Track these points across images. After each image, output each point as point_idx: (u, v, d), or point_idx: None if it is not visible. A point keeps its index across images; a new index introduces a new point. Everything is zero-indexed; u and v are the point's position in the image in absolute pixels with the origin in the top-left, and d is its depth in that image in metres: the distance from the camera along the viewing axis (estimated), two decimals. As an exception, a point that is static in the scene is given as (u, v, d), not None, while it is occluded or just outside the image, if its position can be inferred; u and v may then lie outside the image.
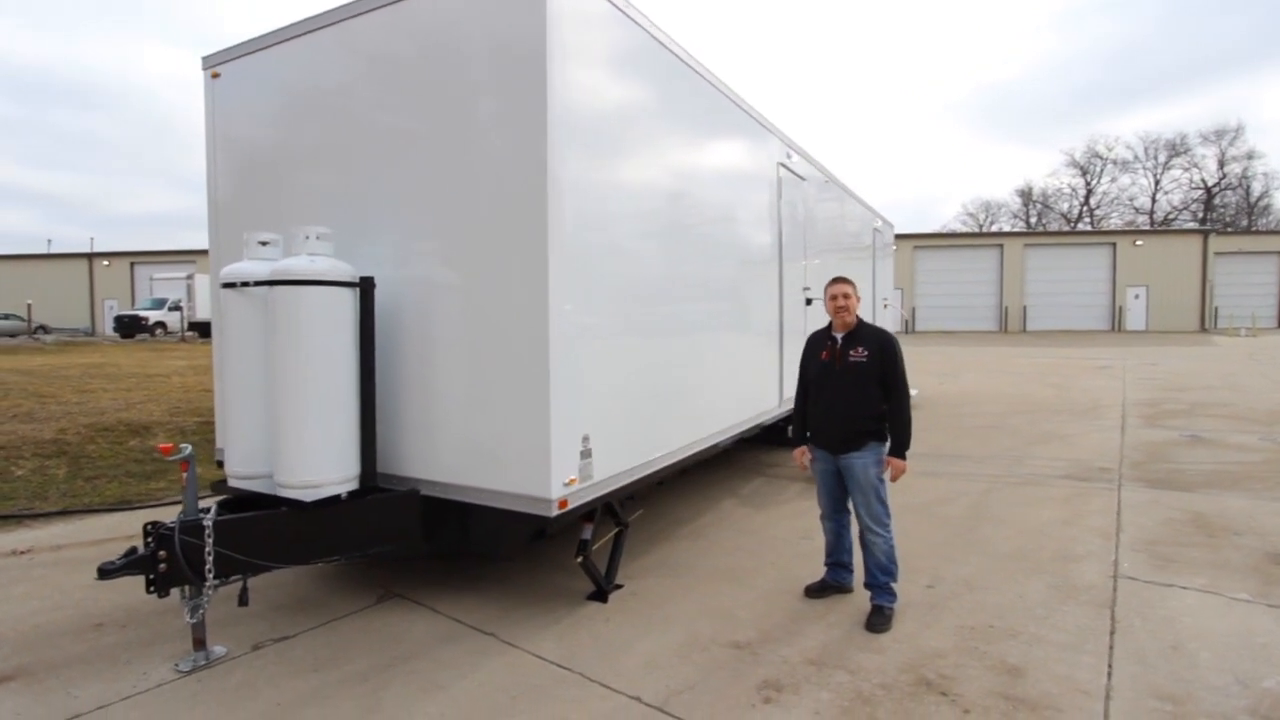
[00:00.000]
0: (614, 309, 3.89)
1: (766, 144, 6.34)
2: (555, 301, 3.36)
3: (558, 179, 3.35)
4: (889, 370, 3.78)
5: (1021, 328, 37.27)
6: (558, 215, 3.36)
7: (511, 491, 3.52)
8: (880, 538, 3.79)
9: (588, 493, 3.67)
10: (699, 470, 7.07)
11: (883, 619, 3.71)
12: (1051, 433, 9.31)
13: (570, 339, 3.49)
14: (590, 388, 3.67)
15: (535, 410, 3.40)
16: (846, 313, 3.85)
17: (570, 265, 3.48)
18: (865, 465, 3.78)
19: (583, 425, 3.60)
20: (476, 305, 3.63)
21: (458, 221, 3.69)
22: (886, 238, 13.43)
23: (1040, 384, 14.65)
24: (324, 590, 4.29)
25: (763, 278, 6.30)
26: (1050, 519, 5.54)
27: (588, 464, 3.64)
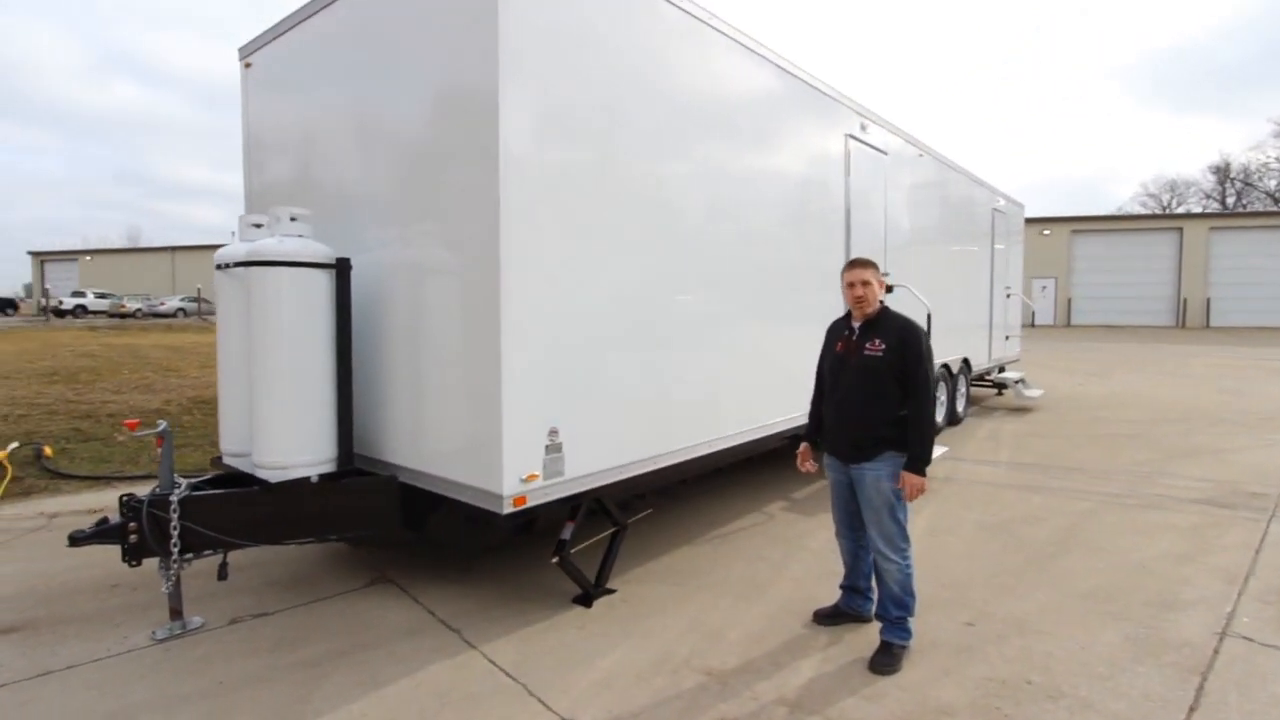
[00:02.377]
0: (596, 296, 3.53)
1: (825, 111, 5.67)
2: (510, 283, 3.08)
3: (509, 145, 3.06)
4: (909, 366, 3.18)
5: (1203, 323, 32.28)
6: (512, 182, 3.07)
7: (470, 484, 3.31)
8: (893, 564, 3.23)
9: (556, 490, 3.37)
10: (754, 470, 6.58)
11: (889, 659, 3.14)
12: (1202, 446, 7.79)
13: (533, 323, 3.21)
14: (562, 377, 3.37)
15: (487, 399, 3.16)
16: (865, 304, 3.28)
17: (533, 244, 3.19)
18: (878, 478, 3.21)
19: (549, 417, 3.30)
20: (439, 286, 3.45)
21: (416, 199, 3.53)
22: (1013, 220, 11.92)
23: (1208, 388, 12.46)
24: (320, 569, 4.32)
25: (815, 263, 5.65)
26: (1162, 552, 4.53)
27: (555, 459, 3.34)
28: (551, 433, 3.31)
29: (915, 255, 7.57)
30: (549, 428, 3.30)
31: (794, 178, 5.32)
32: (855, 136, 6.13)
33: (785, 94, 5.13)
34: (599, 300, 3.55)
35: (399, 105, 3.66)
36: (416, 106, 3.55)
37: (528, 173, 3.14)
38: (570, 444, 3.41)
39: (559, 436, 3.34)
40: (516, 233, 3.10)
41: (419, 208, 3.56)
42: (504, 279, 3.06)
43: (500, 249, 3.04)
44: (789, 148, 5.23)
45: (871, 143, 6.45)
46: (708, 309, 4.35)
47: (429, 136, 3.49)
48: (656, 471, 4.03)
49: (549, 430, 3.30)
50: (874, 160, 6.55)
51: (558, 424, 3.34)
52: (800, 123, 5.36)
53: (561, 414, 3.36)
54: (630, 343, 3.76)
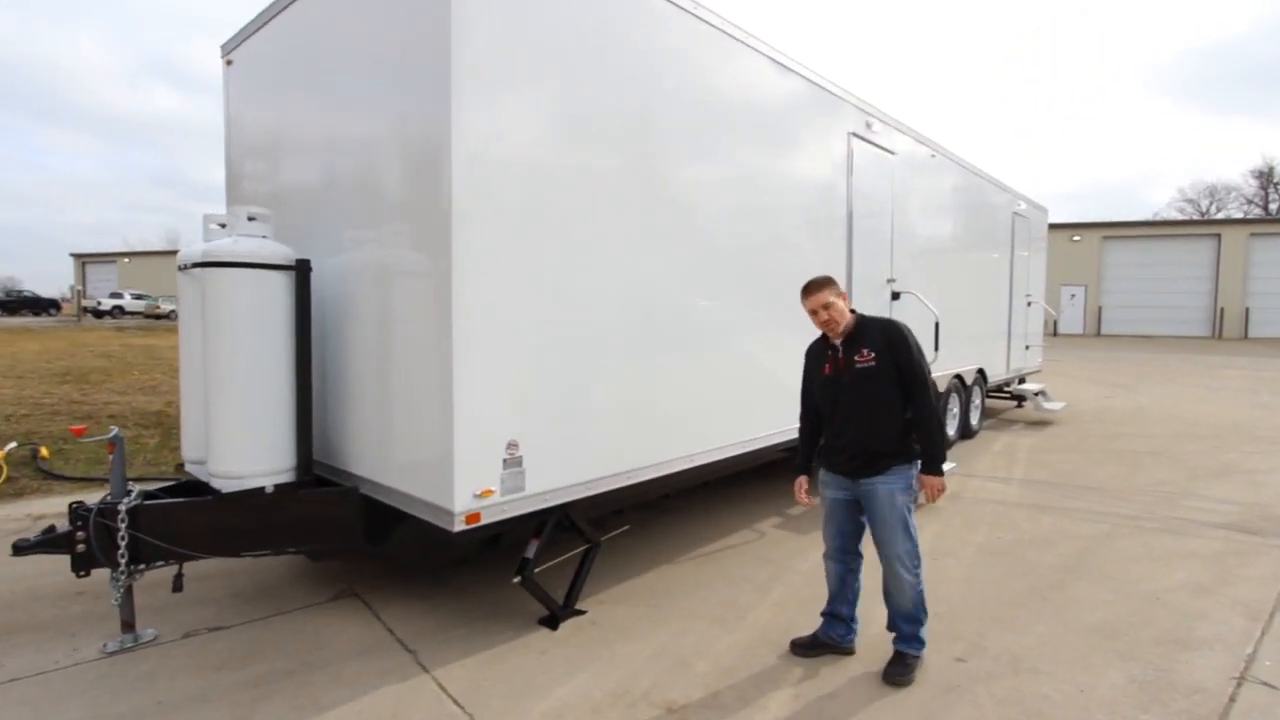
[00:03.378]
0: (559, 304, 3.34)
1: (824, 108, 5.43)
2: (463, 290, 2.91)
3: (463, 132, 2.89)
4: (904, 366, 3.05)
5: (1241, 333, 31.14)
6: (463, 185, 2.90)
7: (424, 499, 3.14)
8: (906, 581, 3.11)
9: (515, 506, 3.19)
10: (747, 483, 6.35)
11: (903, 669, 3.07)
12: (1231, 465, 7.37)
13: (490, 333, 3.03)
14: (522, 389, 3.19)
15: (438, 411, 2.99)
16: (834, 325, 3.14)
17: (489, 251, 3.02)
18: (891, 492, 3.06)
19: (508, 430, 3.13)
20: (394, 293, 3.30)
21: (372, 201, 3.40)
22: (1035, 225, 11.50)
23: (1242, 403, 11.90)
24: (288, 580, 4.19)
25: (812, 269, 5.38)
26: (1178, 582, 4.21)
27: (515, 474, 3.16)
28: (510, 446, 3.13)
29: (925, 261, 7.27)
30: (507, 440, 3.12)
31: (787, 179, 5.09)
32: (859, 135, 5.88)
33: (779, 89, 4.90)
34: (563, 309, 3.36)
35: (356, 102, 3.53)
36: (371, 105, 3.41)
37: (482, 174, 2.97)
38: (532, 458, 3.23)
39: (519, 450, 3.16)
40: (470, 239, 2.93)
41: (374, 211, 3.42)
42: (456, 286, 2.89)
43: (452, 255, 2.88)
44: (783, 147, 5.00)
45: (877, 142, 6.19)
46: (685, 317, 4.13)
47: (382, 137, 3.35)
48: (632, 487, 3.83)
49: (507, 443, 3.12)
50: (880, 161, 6.29)
51: (518, 437, 3.16)
52: (796, 120, 5.12)
53: (522, 427, 3.18)
54: (600, 353, 3.56)
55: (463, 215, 2.89)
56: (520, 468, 3.18)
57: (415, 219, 3.14)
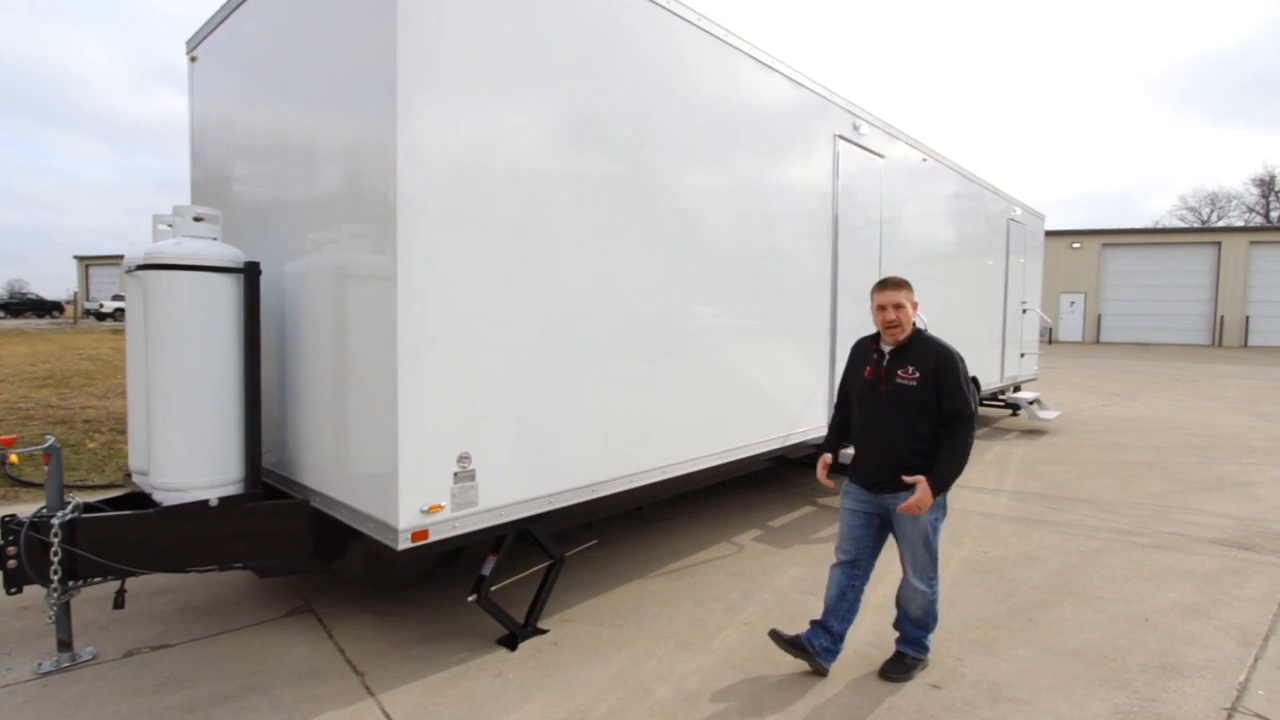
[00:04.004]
0: (517, 308, 3.19)
1: (807, 108, 5.29)
2: (410, 292, 2.76)
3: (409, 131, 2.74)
4: (947, 397, 2.98)
5: (1241, 341, 30.96)
6: (412, 182, 2.76)
7: (369, 514, 2.99)
8: (921, 593, 3.14)
9: (467, 522, 3.03)
10: (730, 493, 6.19)
11: (902, 668, 3.15)
12: (1228, 478, 7.20)
13: (440, 338, 2.88)
14: (475, 397, 3.03)
15: (383, 421, 2.84)
16: (898, 329, 3.07)
17: (442, 253, 2.87)
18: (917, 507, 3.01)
19: (459, 442, 2.97)
20: (341, 295, 3.16)
21: (321, 200, 3.26)
22: (1032, 231, 11.37)
23: (1242, 413, 11.73)
24: (244, 594, 4.03)
25: (794, 275, 5.26)
26: (1170, 603, 4.04)
27: (467, 488, 3.01)
28: (462, 459, 2.98)
29: (917, 267, 7.11)
30: (459, 453, 2.96)
31: (768, 182, 4.94)
32: (845, 137, 5.73)
33: (755, 86, 4.75)
34: (520, 316, 3.20)
35: (306, 97, 3.39)
36: (319, 100, 3.28)
37: (430, 175, 2.82)
38: (487, 472, 3.07)
39: (471, 463, 3.01)
40: (417, 243, 2.78)
41: (323, 212, 3.28)
42: (402, 292, 2.73)
43: (397, 259, 2.72)
44: (761, 149, 4.84)
45: (865, 145, 6.05)
46: (654, 324, 3.97)
47: (329, 134, 3.21)
48: (599, 501, 3.67)
49: (459, 456, 2.96)
50: (868, 164, 6.14)
51: (470, 449, 3.00)
52: (776, 120, 4.97)
53: (475, 438, 3.02)
54: (561, 362, 3.41)
55: (409, 217, 2.74)
56: (473, 482, 3.02)
57: (360, 220, 2.99)
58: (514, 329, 3.18)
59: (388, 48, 2.71)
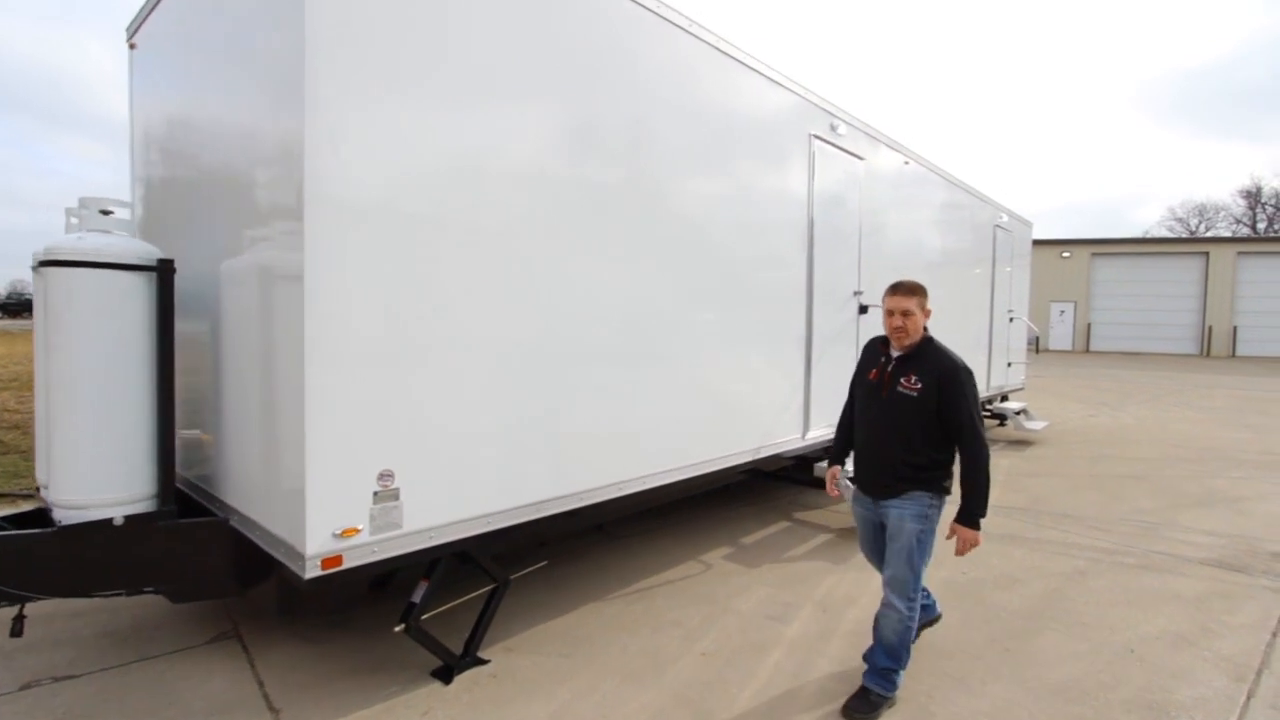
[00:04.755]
0: (450, 308, 2.92)
1: (780, 106, 5.05)
2: (318, 291, 2.50)
3: (320, 119, 2.48)
4: (949, 411, 2.90)
5: (1229, 351, 30.97)
6: (326, 162, 2.49)
7: (280, 537, 2.72)
8: (895, 612, 2.97)
9: (390, 547, 2.76)
10: (707, 505, 5.94)
11: (865, 706, 2.91)
12: (1217, 493, 7.00)
13: (357, 344, 2.62)
14: (400, 408, 2.76)
15: (291, 435, 2.57)
16: (904, 335, 3.02)
17: (360, 247, 2.61)
18: (902, 518, 2.98)
19: (381, 458, 2.70)
20: (253, 294, 2.89)
21: (235, 194, 3.00)
22: (1019, 239, 11.19)
23: (1230, 425, 11.57)
24: (168, 617, 3.74)
25: (766, 280, 5.00)
26: (1158, 631, 3.81)
27: (389, 509, 2.74)
28: (383, 477, 2.71)
29: (896, 273, 6.88)
30: (379, 470, 2.70)
31: (735, 183, 4.69)
32: (822, 137, 5.51)
33: (716, 78, 4.51)
34: (453, 318, 2.94)
35: (226, 84, 3.13)
36: (237, 86, 3.02)
37: (344, 158, 2.56)
38: (413, 490, 2.80)
39: (394, 481, 2.74)
40: (330, 235, 2.52)
41: (237, 206, 3.02)
42: (310, 290, 2.47)
43: (305, 252, 2.46)
44: (730, 147, 4.59)
45: (844, 146, 5.83)
46: (610, 329, 3.70)
47: (246, 123, 2.95)
48: (547, 520, 3.41)
49: (379, 474, 2.70)
50: (847, 165, 5.92)
51: (393, 466, 2.74)
52: (743, 117, 4.72)
53: (400, 454, 2.76)
54: (500, 369, 3.14)
55: (319, 213, 2.49)
56: (396, 501, 2.76)
57: (270, 216, 2.73)
58: (447, 335, 2.91)
59: (295, 17, 2.45)
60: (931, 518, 2.98)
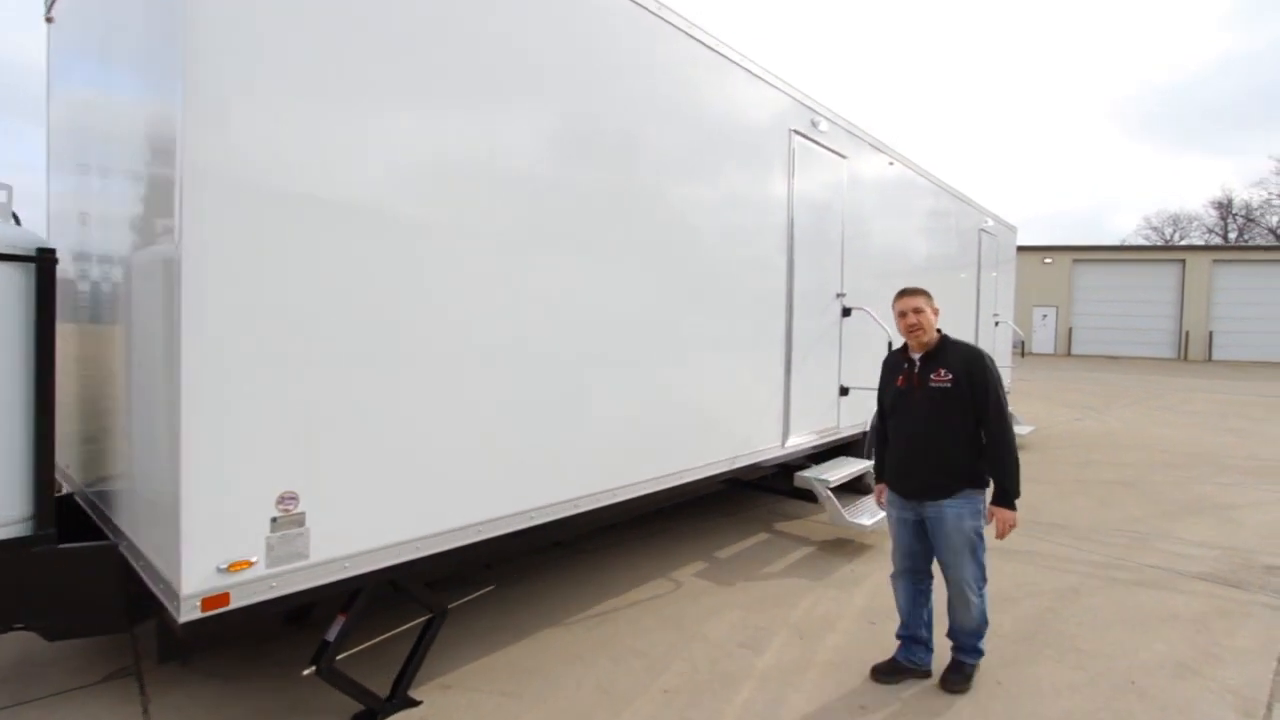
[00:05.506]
0: (369, 310, 2.55)
1: (757, 99, 4.73)
2: (198, 281, 2.12)
3: (199, 95, 2.11)
4: (980, 396, 3.02)
5: (1205, 356, 31.24)
6: (208, 136, 2.12)
7: (159, 570, 2.33)
8: (973, 604, 3.11)
9: (292, 580, 2.38)
10: (685, 514, 5.60)
11: (961, 678, 3.14)
12: (1207, 500, 6.78)
13: (250, 344, 2.24)
14: (307, 422, 2.38)
15: (166, 450, 2.19)
16: (921, 331, 3.15)
17: (251, 233, 2.23)
18: (960, 516, 3.05)
19: (281, 478, 2.32)
20: (131, 286, 2.51)
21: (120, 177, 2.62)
22: (1004, 243, 11.01)
23: (1213, 428, 11.44)
24: (61, 652, 3.31)
25: (744, 281, 4.67)
26: (1157, 658, 3.51)
27: (292, 537, 2.36)
28: (285, 500, 2.33)
29: (882, 276, 6.61)
30: (280, 493, 2.32)
31: (710, 178, 4.36)
32: (803, 133, 5.20)
33: (686, 65, 4.18)
34: (372, 316, 2.56)
35: (123, 56, 2.75)
36: (128, 56, 2.64)
37: (233, 132, 2.19)
38: (322, 515, 2.43)
39: (298, 505, 2.36)
40: (216, 219, 2.14)
41: (127, 189, 2.64)
42: (188, 280, 2.09)
43: (183, 236, 2.09)
44: (698, 140, 4.24)
45: (825, 143, 5.52)
46: (563, 330, 3.32)
47: (134, 94, 2.58)
48: (489, 542, 3.04)
49: (279, 497, 2.32)
50: (829, 164, 5.62)
51: (298, 488, 2.36)
52: (717, 109, 4.38)
53: (306, 473, 2.38)
54: (431, 374, 2.77)
55: (200, 195, 2.11)
56: (301, 528, 2.38)
57: (151, 198, 2.36)
58: (364, 336, 2.54)
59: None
60: (983, 512, 3.10)
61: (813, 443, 5.47)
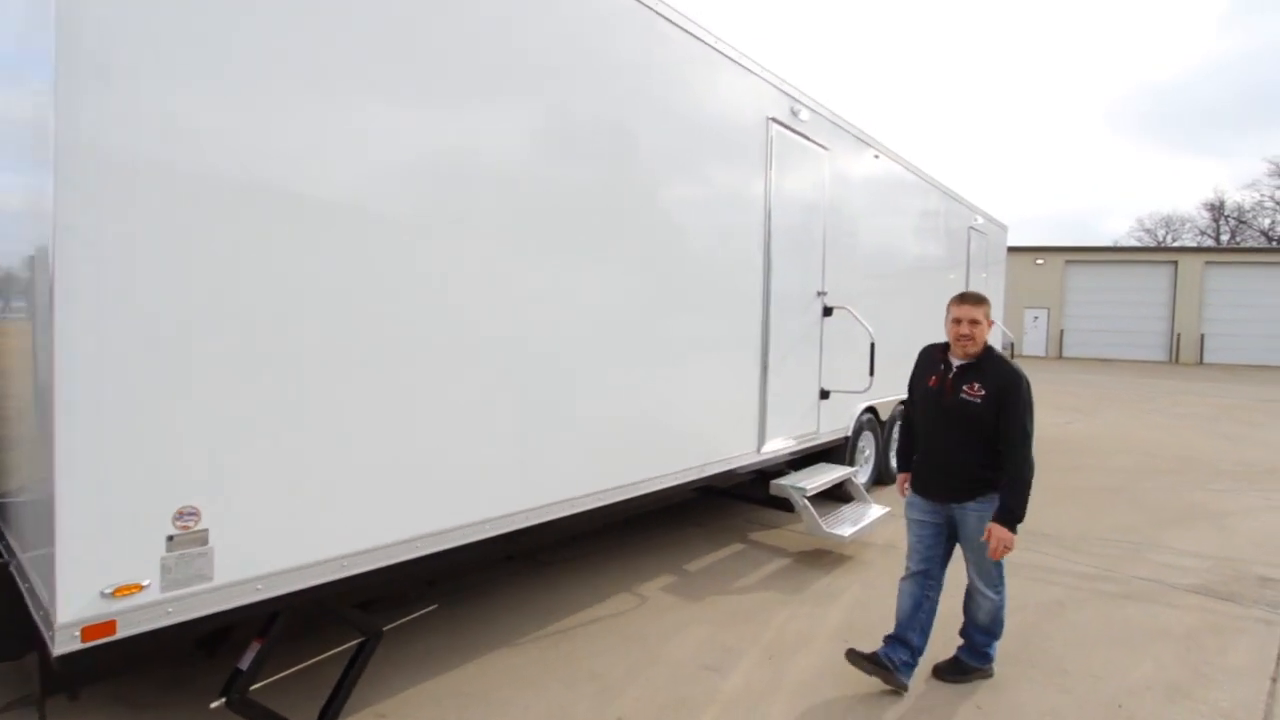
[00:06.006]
0: (288, 298, 2.32)
1: (727, 81, 4.51)
2: (73, 263, 1.88)
3: (77, 49, 1.87)
4: (1007, 419, 3.00)
5: (1197, 359, 31.21)
6: (88, 100, 1.89)
7: (39, 594, 2.09)
8: (989, 600, 3.22)
9: (191, 606, 2.14)
10: (656, 524, 5.38)
11: (958, 671, 3.22)
12: (1199, 507, 6.60)
13: (137, 336, 2.00)
14: (212, 427, 2.15)
15: (41, 459, 1.96)
16: (970, 343, 3.10)
17: (136, 212, 2.00)
18: (982, 518, 3.06)
19: (179, 491, 2.09)
20: (17, 276, 2.27)
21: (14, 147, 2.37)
22: (994, 242, 10.83)
23: (1205, 432, 11.29)
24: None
25: (715, 277, 4.45)
26: (1146, 679, 3.31)
27: (193, 557, 2.12)
28: (184, 516, 2.10)
29: (866, 273, 6.42)
30: (177, 508, 2.08)
31: (677, 167, 4.14)
32: (781, 122, 4.98)
33: (652, 48, 3.96)
34: (295, 307, 2.33)
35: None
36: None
37: (117, 97, 1.95)
38: (230, 531, 2.20)
39: (200, 521, 2.13)
40: (95, 197, 1.91)
41: (20, 165, 2.39)
42: (64, 261, 1.86)
43: (57, 216, 1.85)
44: (666, 125, 4.02)
45: (805, 133, 5.31)
46: (497, 324, 3.07)
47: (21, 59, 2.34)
48: (425, 559, 2.80)
49: (177, 512, 2.08)
50: (809, 155, 5.40)
51: (200, 502, 2.13)
52: (687, 94, 4.16)
53: (210, 485, 2.15)
54: (355, 371, 2.53)
55: (77, 170, 1.88)
56: (204, 547, 2.14)
57: (32, 170, 2.12)
58: (278, 331, 2.30)
59: None
60: None
61: (791, 448, 5.25)
